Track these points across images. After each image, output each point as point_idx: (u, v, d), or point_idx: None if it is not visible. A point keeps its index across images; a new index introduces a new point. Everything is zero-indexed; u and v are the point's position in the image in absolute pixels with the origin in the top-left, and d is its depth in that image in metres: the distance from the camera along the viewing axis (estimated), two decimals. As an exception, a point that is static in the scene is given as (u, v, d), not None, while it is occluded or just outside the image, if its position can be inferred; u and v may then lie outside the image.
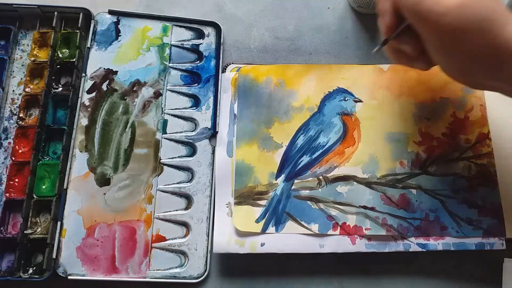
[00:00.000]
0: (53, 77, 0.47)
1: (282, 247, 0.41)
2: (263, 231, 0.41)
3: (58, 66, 0.47)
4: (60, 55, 0.48)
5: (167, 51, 0.49)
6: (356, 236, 0.42)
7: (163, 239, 0.43)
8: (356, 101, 0.46)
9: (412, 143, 0.45)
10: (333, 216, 0.42)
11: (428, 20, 0.31)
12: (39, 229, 0.43)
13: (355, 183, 0.43)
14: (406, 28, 0.34)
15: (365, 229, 0.42)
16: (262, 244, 0.41)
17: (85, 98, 0.47)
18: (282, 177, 0.43)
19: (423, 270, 0.43)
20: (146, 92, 0.47)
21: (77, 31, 0.48)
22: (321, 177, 0.43)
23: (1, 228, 0.43)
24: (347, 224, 0.42)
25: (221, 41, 0.49)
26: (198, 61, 0.49)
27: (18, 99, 0.47)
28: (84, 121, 0.46)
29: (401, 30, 0.35)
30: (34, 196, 0.43)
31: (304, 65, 0.48)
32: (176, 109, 0.47)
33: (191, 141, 0.46)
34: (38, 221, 0.43)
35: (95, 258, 0.42)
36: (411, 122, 0.45)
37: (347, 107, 0.46)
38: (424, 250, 0.41)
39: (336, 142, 0.44)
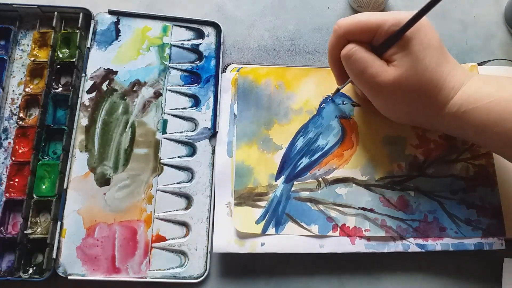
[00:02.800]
0: (53, 77, 0.47)
1: (282, 247, 0.41)
2: (263, 232, 0.41)
3: (58, 66, 0.47)
4: (60, 55, 0.48)
5: (167, 51, 0.49)
6: (355, 236, 0.42)
7: (163, 239, 0.43)
8: (354, 105, 0.46)
9: (409, 146, 0.45)
10: (333, 218, 0.42)
11: (368, 89, 0.38)
12: (39, 229, 0.43)
13: (354, 185, 0.43)
14: None
15: (365, 231, 0.42)
16: (262, 244, 0.41)
17: (85, 98, 0.47)
18: (282, 178, 0.43)
19: (424, 269, 0.44)
20: (146, 92, 0.47)
21: (77, 31, 0.48)
22: (320, 179, 0.44)
23: (1, 228, 0.43)
24: (346, 225, 0.42)
25: (221, 41, 0.49)
26: (198, 61, 0.49)
27: (18, 99, 0.47)
28: (84, 121, 0.46)
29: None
30: (34, 196, 0.43)
31: (303, 68, 0.48)
32: (176, 109, 0.47)
33: (191, 141, 0.46)
34: (38, 221, 0.43)
35: (95, 258, 0.42)
36: (408, 125, 0.45)
37: (345, 111, 0.46)
38: (423, 250, 0.42)
39: (335, 145, 0.44)
